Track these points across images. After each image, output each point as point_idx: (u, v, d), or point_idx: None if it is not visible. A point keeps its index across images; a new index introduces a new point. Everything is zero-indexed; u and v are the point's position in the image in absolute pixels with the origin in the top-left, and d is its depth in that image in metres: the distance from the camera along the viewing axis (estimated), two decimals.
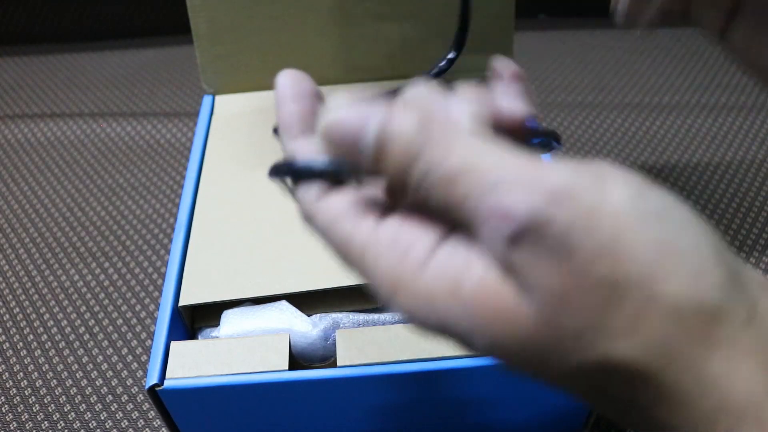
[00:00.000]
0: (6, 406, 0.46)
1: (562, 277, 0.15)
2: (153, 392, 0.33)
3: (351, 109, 0.18)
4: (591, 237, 0.15)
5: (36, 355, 0.49)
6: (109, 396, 0.46)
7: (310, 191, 0.19)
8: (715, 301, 0.15)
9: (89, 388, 0.47)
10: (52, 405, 0.46)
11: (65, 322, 0.51)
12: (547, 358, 0.16)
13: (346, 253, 0.18)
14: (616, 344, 0.15)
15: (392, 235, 0.17)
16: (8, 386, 0.47)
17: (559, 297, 0.15)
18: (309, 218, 0.19)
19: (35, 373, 0.48)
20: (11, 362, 0.48)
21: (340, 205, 0.18)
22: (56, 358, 0.49)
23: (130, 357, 0.48)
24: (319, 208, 0.19)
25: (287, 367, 0.33)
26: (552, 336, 0.16)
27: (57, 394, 0.46)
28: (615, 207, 0.15)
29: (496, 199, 0.16)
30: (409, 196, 0.17)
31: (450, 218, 0.17)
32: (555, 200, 0.15)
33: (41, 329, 0.50)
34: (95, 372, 0.48)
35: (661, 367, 0.15)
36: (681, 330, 0.15)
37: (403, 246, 0.17)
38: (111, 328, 0.50)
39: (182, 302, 0.36)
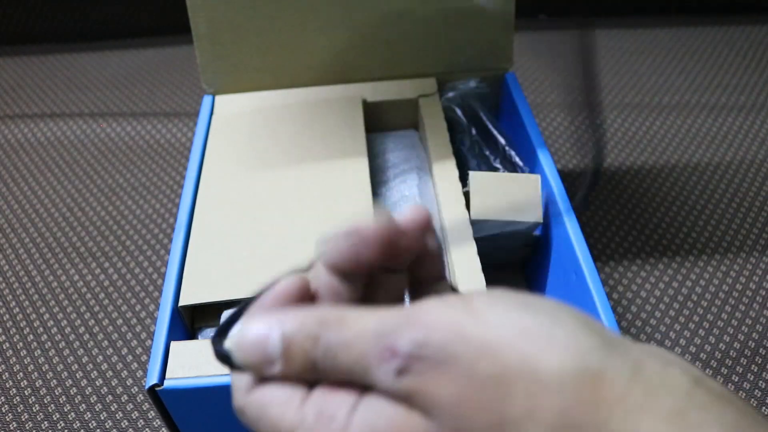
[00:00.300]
0: (6, 406, 0.46)
1: (453, 385, 0.16)
2: (153, 392, 0.33)
3: (253, 324, 0.20)
4: (467, 344, 0.17)
5: (36, 355, 0.49)
6: (109, 396, 0.46)
7: (242, 382, 0.21)
8: (594, 361, 0.16)
9: (89, 388, 0.47)
10: (52, 405, 0.46)
11: (65, 322, 0.51)
12: None
13: None
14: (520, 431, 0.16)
15: (317, 409, 0.19)
16: (8, 386, 0.47)
17: (457, 405, 0.16)
18: (240, 411, 0.21)
19: (35, 373, 0.48)
20: (11, 362, 0.48)
21: (266, 395, 0.20)
22: (56, 358, 0.49)
23: (130, 357, 0.48)
24: (248, 401, 0.20)
25: None
26: None
27: (57, 394, 0.46)
28: (481, 316, 0.17)
29: (381, 346, 0.18)
30: (321, 377, 0.20)
31: (358, 383, 0.19)
32: (428, 327, 0.17)
33: (41, 329, 0.50)
34: (95, 372, 0.48)
35: None
36: (573, 399, 0.16)
37: (327, 415, 0.19)
38: (111, 328, 0.50)
39: (182, 302, 0.36)
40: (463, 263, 0.38)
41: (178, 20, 0.58)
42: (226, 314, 0.23)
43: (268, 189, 0.43)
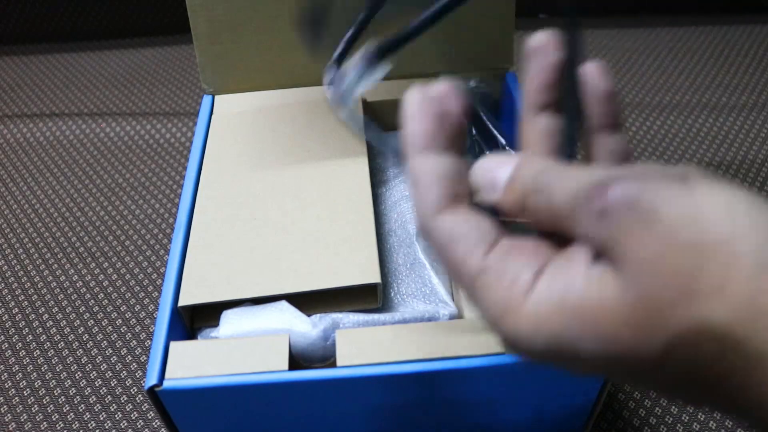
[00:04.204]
0: (5, 406, 0.46)
1: (652, 243, 0.17)
2: (152, 393, 0.33)
3: (492, 159, 0.22)
4: (675, 207, 0.17)
5: (35, 355, 0.49)
6: (108, 397, 0.46)
7: (431, 199, 0.22)
8: None
9: (88, 388, 0.47)
10: (51, 406, 0.46)
11: (64, 322, 0.51)
12: (648, 336, 0.17)
13: (457, 275, 0.21)
14: (708, 307, 0.16)
15: (500, 266, 0.20)
16: (7, 387, 0.47)
17: (651, 263, 0.17)
18: (425, 232, 0.22)
19: (34, 374, 0.48)
20: (10, 362, 0.48)
21: (455, 227, 0.21)
22: (55, 358, 0.48)
23: (130, 357, 0.48)
24: (437, 226, 0.21)
25: (287, 368, 0.33)
26: (649, 309, 0.17)
27: (56, 395, 0.46)
28: (693, 187, 0.17)
29: (590, 186, 0.18)
30: (528, 214, 0.21)
31: (559, 230, 0.20)
32: (642, 180, 0.18)
33: (40, 329, 0.50)
34: (94, 373, 0.47)
35: (751, 327, 0.16)
36: (762, 286, 0.16)
37: (510, 275, 0.20)
38: (110, 328, 0.50)
39: (182, 302, 0.36)
40: None
41: (178, 20, 0.58)
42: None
43: (268, 189, 0.42)
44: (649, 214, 0.17)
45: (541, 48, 0.25)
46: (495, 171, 0.22)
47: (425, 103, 0.23)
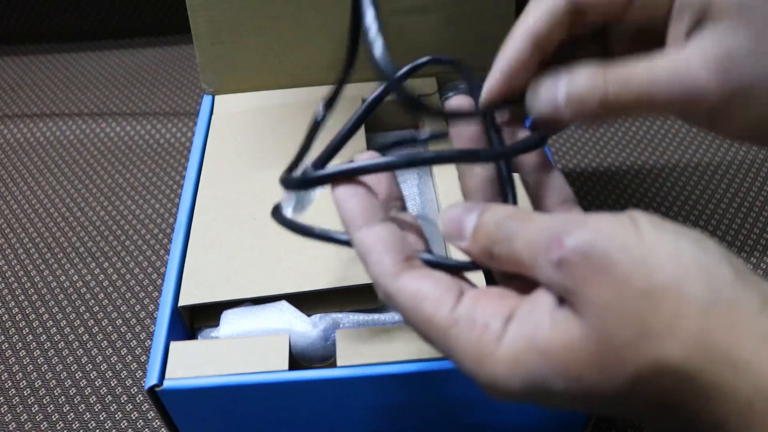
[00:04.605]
0: (5, 406, 0.46)
1: (607, 289, 0.18)
2: (152, 393, 0.33)
3: (458, 208, 0.24)
4: (627, 253, 0.18)
5: (35, 355, 0.49)
6: (109, 396, 0.46)
7: (387, 264, 0.22)
8: (729, 293, 0.18)
9: (88, 388, 0.47)
10: (51, 406, 0.46)
11: (64, 322, 0.51)
12: (609, 374, 0.18)
13: (427, 331, 0.22)
14: (661, 345, 0.18)
15: (469, 317, 0.21)
16: (7, 387, 0.47)
17: (607, 308, 0.18)
18: (388, 297, 0.23)
19: (34, 374, 0.48)
20: (10, 363, 0.48)
21: (418, 287, 0.22)
22: (55, 358, 0.48)
23: (130, 357, 0.48)
24: (399, 288, 0.22)
25: (287, 367, 0.33)
26: (609, 349, 0.18)
27: (56, 394, 0.46)
28: (642, 231, 0.19)
29: (547, 238, 0.20)
30: (494, 264, 0.23)
31: (523, 273, 0.21)
32: (597, 232, 0.19)
33: (40, 329, 0.50)
34: (94, 372, 0.47)
35: (701, 361, 0.17)
36: (709, 323, 0.17)
37: (480, 324, 0.21)
38: (110, 328, 0.50)
39: (182, 302, 0.36)
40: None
41: (178, 20, 0.58)
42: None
43: (268, 189, 0.42)
44: (602, 262, 0.18)
45: (459, 108, 0.27)
46: (461, 220, 0.23)
47: (351, 187, 0.24)
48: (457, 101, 0.27)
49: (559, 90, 0.24)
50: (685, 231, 0.19)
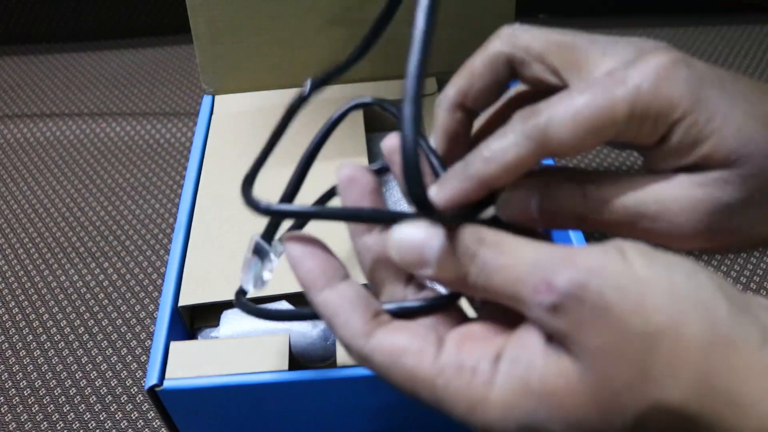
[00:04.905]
0: (5, 406, 0.46)
1: (604, 333, 0.17)
2: (152, 393, 0.33)
3: (411, 229, 0.21)
4: (622, 296, 0.17)
5: (35, 355, 0.49)
6: (109, 396, 0.46)
7: (356, 325, 0.21)
8: (727, 329, 0.17)
9: (88, 388, 0.47)
10: (51, 406, 0.46)
11: (64, 322, 0.51)
12: (610, 418, 0.18)
13: (413, 387, 0.20)
14: (661, 388, 0.17)
15: (455, 363, 0.20)
16: (7, 387, 0.47)
17: (605, 352, 0.17)
18: (362, 359, 0.21)
19: (34, 374, 0.48)
20: (10, 362, 0.48)
21: (394, 343, 0.20)
22: (55, 358, 0.48)
23: (130, 357, 0.48)
24: (374, 348, 0.21)
25: (287, 367, 0.33)
26: (608, 393, 0.18)
27: (56, 394, 0.46)
28: (636, 273, 0.18)
29: (537, 278, 0.18)
30: (468, 292, 0.21)
31: (505, 305, 0.20)
32: (588, 271, 0.18)
33: (40, 329, 0.50)
34: (94, 372, 0.47)
35: (702, 403, 0.17)
36: (708, 363, 0.17)
37: (468, 369, 0.19)
38: (110, 328, 0.50)
39: (182, 302, 0.36)
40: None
41: (178, 20, 0.58)
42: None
43: (268, 189, 0.42)
44: (598, 306, 0.17)
45: (354, 179, 0.25)
46: (422, 247, 0.20)
47: (306, 246, 0.23)
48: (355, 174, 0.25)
49: (532, 206, 0.22)
50: (676, 261, 0.18)
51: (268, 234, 0.25)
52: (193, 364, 0.33)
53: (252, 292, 0.26)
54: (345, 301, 0.21)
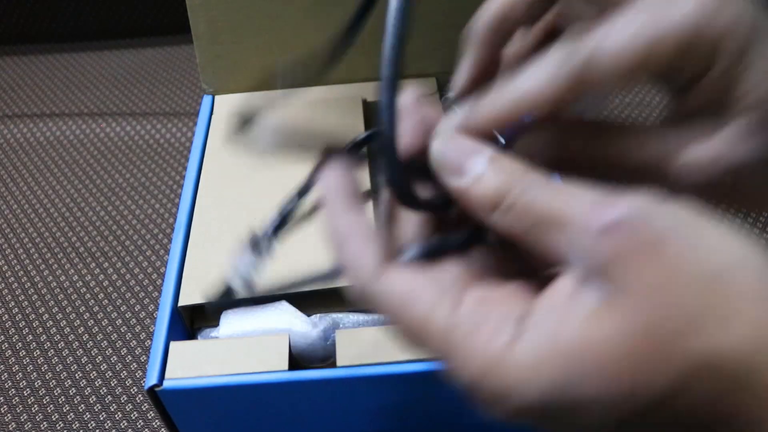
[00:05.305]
0: (5, 406, 0.46)
1: (658, 272, 0.16)
2: (152, 393, 0.33)
3: (464, 141, 0.19)
4: (680, 234, 0.16)
5: (35, 355, 0.49)
6: (108, 396, 0.46)
7: (365, 264, 0.19)
8: None
9: (88, 388, 0.47)
10: (51, 406, 0.46)
11: (64, 322, 0.51)
12: (651, 372, 0.15)
13: (420, 338, 0.18)
14: (713, 339, 0.15)
15: (473, 319, 0.17)
16: (7, 387, 0.47)
17: (656, 292, 0.15)
18: (368, 299, 0.19)
19: (34, 374, 0.48)
20: (10, 363, 0.48)
21: (409, 285, 0.18)
22: (55, 358, 0.48)
23: (130, 357, 0.48)
24: (384, 290, 0.18)
25: (287, 368, 0.33)
26: (652, 342, 0.15)
27: (56, 394, 0.46)
28: (692, 214, 0.16)
29: (594, 196, 0.17)
30: (503, 222, 0.18)
31: (540, 248, 0.18)
32: (648, 201, 0.16)
33: (40, 329, 0.50)
34: (94, 372, 0.47)
35: (757, 360, 0.15)
36: (764, 315, 0.15)
37: (488, 328, 0.17)
38: (110, 328, 0.50)
39: (182, 302, 0.36)
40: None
41: (178, 20, 0.58)
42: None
43: (268, 189, 0.42)
44: (656, 238, 0.16)
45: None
46: (468, 157, 0.19)
47: (343, 170, 0.21)
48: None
49: (539, 151, 0.21)
50: (718, 219, 0.17)
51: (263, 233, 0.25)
52: (193, 364, 0.33)
53: (241, 292, 0.25)
54: (362, 230, 0.19)
